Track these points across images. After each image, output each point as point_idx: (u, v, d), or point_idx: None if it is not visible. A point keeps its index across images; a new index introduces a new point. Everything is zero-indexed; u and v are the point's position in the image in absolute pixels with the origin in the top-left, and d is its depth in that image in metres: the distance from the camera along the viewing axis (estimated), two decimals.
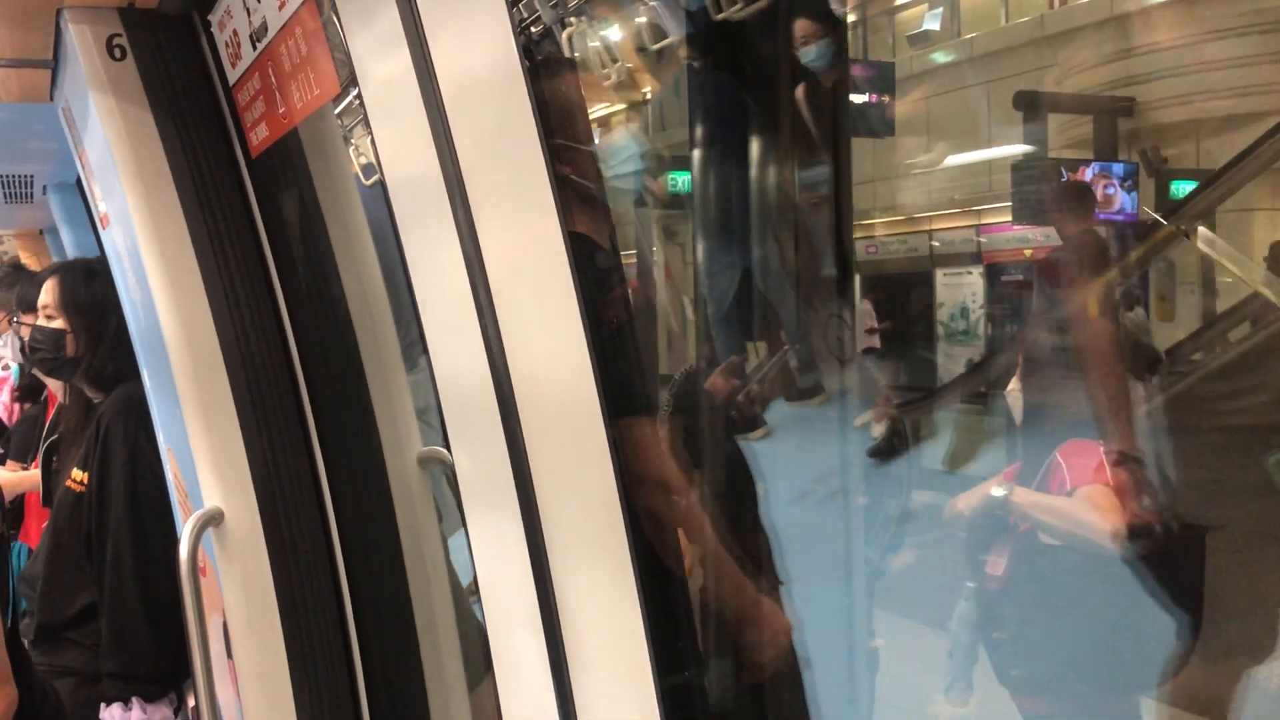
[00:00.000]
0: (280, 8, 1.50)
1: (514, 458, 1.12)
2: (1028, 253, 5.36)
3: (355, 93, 1.35)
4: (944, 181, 5.78)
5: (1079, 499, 2.20)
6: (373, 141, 1.31)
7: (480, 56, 1.09)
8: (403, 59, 1.13)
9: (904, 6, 6.19)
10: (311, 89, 1.50)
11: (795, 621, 1.74)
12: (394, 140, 1.26)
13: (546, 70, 1.22)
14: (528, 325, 1.11)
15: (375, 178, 1.83)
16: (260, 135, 1.81)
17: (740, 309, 3.06)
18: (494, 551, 1.25)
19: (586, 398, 1.07)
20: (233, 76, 1.83)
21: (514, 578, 1.16)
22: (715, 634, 1.63)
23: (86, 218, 3.53)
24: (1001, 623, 2.36)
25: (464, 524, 1.31)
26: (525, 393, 1.11)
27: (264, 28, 1.59)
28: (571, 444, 1.11)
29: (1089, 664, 2.19)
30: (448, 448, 1.32)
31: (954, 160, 5.43)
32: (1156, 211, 3.45)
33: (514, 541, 1.15)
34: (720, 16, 2.36)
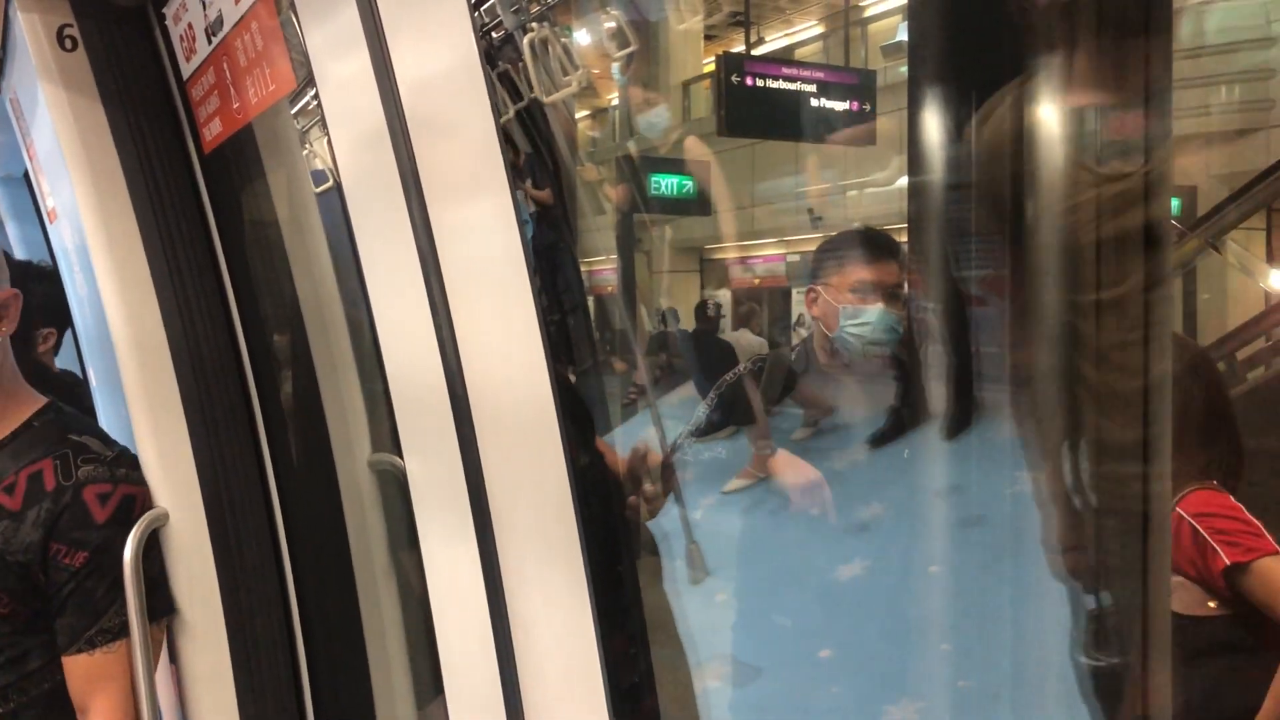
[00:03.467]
0: (236, 2, 1.49)
1: (467, 463, 1.11)
2: None
3: (313, 93, 1.33)
4: None
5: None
6: (329, 141, 1.29)
7: (441, 58, 1.08)
8: (361, 59, 1.12)
9: None
10: (267, 84, 1.48)
11: None
12: (351, 140, 1.25)
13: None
14: (483, 329, 1.10)
15: (328, 184, 1.81)
16: (214, 131, 1.78)
17: None
18: (445, 557, 1.24)
19: (542, 402, 1.07)
20: (186, 71, 1.81)
21: (465, 583, 1.16)
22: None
23: (34, 212, 3.45)
24: None
25: (414, 529, 1.30)
26: (480, 397, 1.10)
27: (219, 21, 1.57)
28: (526, 449, 1.10)
29: None
30: (399, 452, 1.31)
31: None
32: None
33: (466, 547, 1.14)
34: None
